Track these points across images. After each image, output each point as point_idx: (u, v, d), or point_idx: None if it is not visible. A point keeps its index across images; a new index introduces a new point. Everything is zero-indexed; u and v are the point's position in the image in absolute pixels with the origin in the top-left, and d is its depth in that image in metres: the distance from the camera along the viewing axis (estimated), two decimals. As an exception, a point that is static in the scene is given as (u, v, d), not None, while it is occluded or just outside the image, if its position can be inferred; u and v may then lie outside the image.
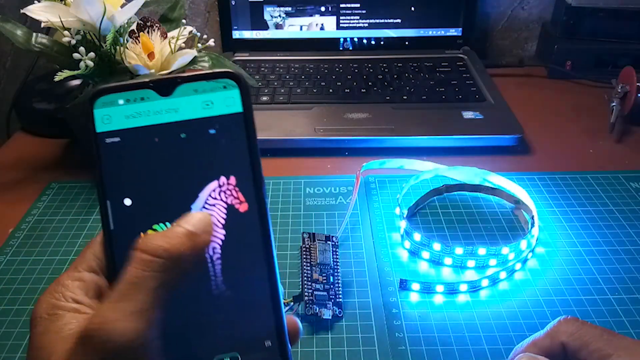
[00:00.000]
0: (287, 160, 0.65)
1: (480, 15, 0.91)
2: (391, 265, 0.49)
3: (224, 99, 0.26)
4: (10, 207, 0.57)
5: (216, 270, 0.26)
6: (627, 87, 0.69)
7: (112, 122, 0.26)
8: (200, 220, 0.25)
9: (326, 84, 0.77)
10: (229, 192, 0.26)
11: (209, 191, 0.26)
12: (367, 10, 0.86)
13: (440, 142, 0.65)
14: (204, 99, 0.26)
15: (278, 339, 0.26)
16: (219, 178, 0.26)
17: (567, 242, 0.51)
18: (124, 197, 0.26)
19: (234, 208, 0.26)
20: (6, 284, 0.47)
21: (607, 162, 0.64)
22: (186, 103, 0.26)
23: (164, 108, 0.26)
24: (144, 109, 0.26)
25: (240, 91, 0.26)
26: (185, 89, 0.26)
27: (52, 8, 0.53)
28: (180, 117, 0.26)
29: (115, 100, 0.26)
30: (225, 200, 0.26)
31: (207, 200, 0.26)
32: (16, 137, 0.72)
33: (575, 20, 0.83)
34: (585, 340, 0.28)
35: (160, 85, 0.26)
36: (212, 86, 0.26)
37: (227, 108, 0.26)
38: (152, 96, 0.26)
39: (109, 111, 0.26)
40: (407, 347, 0.41)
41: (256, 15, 0.86)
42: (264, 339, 0.26)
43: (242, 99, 0.27)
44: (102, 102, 0.26)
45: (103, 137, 0.26)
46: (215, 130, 0.26)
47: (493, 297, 0.45)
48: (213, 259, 0.26)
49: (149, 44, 0.54)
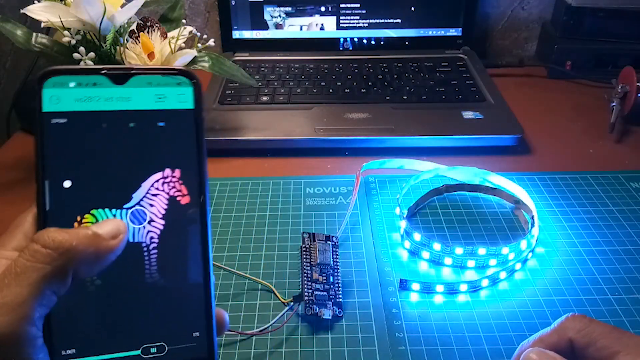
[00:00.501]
0: (287, 160, 0.65)
1: (480, 15, 0.91)
2: (391, 265, 0.49)
3: (177, 95, 0.27)
4: (11, 207, 0.57)
5: (151, 259, 0.27)
6: (627, 87, 0.69)
7: (60, 103, 0.26)
8: (113, 227, 0.25)
9: (326, 84, 0.77)
10: (172, 184, 0.27)
11: (152, 181, 0.27)
12: (367, 10, 0.86)
13: (440, 142, 0.65)
14: (157, 92, 0.27)
15: (207, 329, 0.27)
16: (163, 170, 0.27)
17: (567, 242, 0.51)
18: (64, 179, 0.26)
19: (176, 200, 0.27)
20: (6, 284, 0.47)
21: (607, 162, 0.64)
22: (138, 94, 0.26)
23: (115, 96, 0.26)
24: (95, 94, 0.26)
25: (194, 89, 0.27)
26: (139, 80, 0.26)
27: (52, 8, 0.53)
28: (131, 106, 0.26)
29: (67, 82, 0.26)
30: (168, 192, 0.27)
31: (149, 190, 0.27)
32: (16, 137, 0.72)
33: (575, 20, 0.82)
34: (594, 337, 0.28)
35: (115, 74, 0.26)
36: (166, 81, 0.27)
37: (179, 104, 0.27)
38: (105, 83, 0.26)
39: (58, 92, 0.26)
40: (407, 347, 0.41)
41: (256, 15, 0.86)
42: (192, 330, 0.27)
43: (194, 97, 0.27)
44: (53, 82, 0.26)
45: (49, 117, 0.26)
46: (164, 123, 0.27)
47: (493, 297, 0.45)
48: (149, 248, 0.27)
49: (149, 44, 0.54)
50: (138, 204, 0.27)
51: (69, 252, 0.23)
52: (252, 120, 0.69)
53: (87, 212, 0.26)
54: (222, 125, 0.68)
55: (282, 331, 0.42)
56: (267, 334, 0.42)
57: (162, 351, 0.26)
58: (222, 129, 0.67)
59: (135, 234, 0.27)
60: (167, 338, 0.27)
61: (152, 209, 0.27)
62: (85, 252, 0.24)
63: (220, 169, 0.63)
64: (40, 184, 0.26)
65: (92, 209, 0.26)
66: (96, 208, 0.26)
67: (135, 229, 0.27)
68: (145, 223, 0.27)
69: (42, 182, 0.26)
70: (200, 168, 0.27)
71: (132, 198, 0.26)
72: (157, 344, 0.26)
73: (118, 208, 0.26)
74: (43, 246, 0.23)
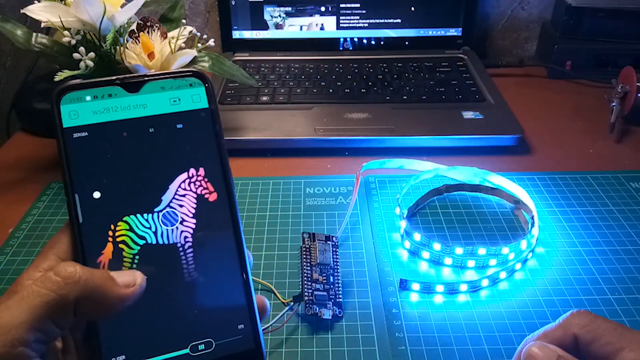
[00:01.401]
0: (287, 160, 0.65)
1: (480, 15, 0.91)
2: (391, 265, 0.49)
3: (191, 95, 0.28)
4: (10, 207, 0.57)
5: (188, 259, 0.27)
6: (627, 87, 0.69)
7: (79, 117, 0.26)
8: (129, 277, 0.25)
9: (326, 84, 0.77)
10: (199, 182, 0.28)
11: (179, 183, 0.27)
12: (367, 10, 0.86)
13: (440, 142, 0.65)
14: (171, 96, 0.27)
15: (251, 320, 0.27)
16: (188, 170, 0.27)
17: (567, 242, 0.51)
18: (94, 191, 0.26)
19: (204, 197, 0.28)
20: (6, 284, 0.47)
21: (607, 162, 0.64)
22: (154, 99, 0.27)
23: (131, 104, 0.27)
24: (111, 104, 0.27)
25: (206, 89, 0.28)
26: (152, 86, 0.27)
27: (52, 8, 0.52)
28: (148, 112, 0.27)
29: (83, 96, 0.26)
30: (195, 190, 0.27)
31: (177, 191, 0.27)
32: (16, 137, 0.72)
33: (575, 20, 0.82)
34: (598, 333, 0.28)
35: (128, 83, 0.27)
36: (179, 84, 0.28)
37: (194, 104, 0.28)
38: (119, 93, 0.27)
39: (76, 107, 0.26)
40: (407, 347, 0.41)
41: (256, 15, 0.86)
42: (237, 323, 0.27)
43: (207, 96, 0.28)
44: (69, 99, 0.26)
45: (70, 132, 0.26)
46: (182, 124, 0.28)
47: (493, 297, 0.45)
48: (185, 248, 0.27)
49: (149, 44, 0.54)
50: (168, 206, 0.27)
51: (76, 284, 0.24)
52: (252, 120, 0.69)
53: (120, 219, 0.26)
54: (222, 125, 0.67)
55: (282, 331, 0.42)
56: (267, 334, 0.42)
57: (209, 347, 0.27)
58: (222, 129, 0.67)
59: (169, 235, 0.27)
60: (213, 333, 0.27)
61: (182, 209, 0.27)
62: (92, 288, 0.24)
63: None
64: (70, 198, 0.26)
65: (124, 216, 0.27)
66: (128, 215, 0.27)
67: (168, 230, 0.27)
68: (177, 224, 0.27)
69: (73, 196, 0.26)
70: (222, 163, 0.28)
71: (162, 201, 0.27)
72: (204, 341, 0.27)
73: (149, 212, 0.27)
74: (55, 274, 0.24)
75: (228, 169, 0.28)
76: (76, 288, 0.23)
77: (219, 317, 0.27)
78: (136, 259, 0.27)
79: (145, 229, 0.27)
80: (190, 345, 0.26)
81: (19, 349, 0.22)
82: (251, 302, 0.27)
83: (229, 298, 0.27)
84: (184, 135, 0.28)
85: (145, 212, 0.27)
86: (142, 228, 0.27)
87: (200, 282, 0.27)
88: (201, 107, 0.28)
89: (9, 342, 0.22)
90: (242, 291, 0.27)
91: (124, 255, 0.27)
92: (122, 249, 0.26)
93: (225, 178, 0.28)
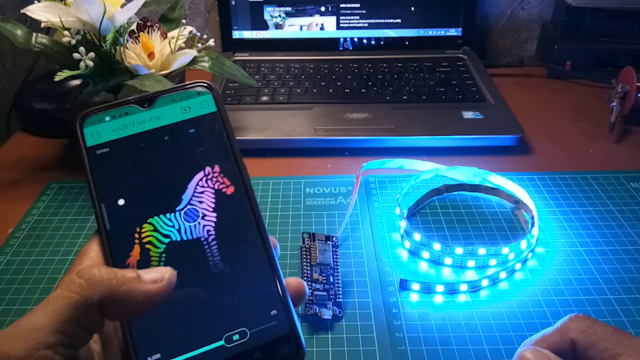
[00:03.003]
0: (287, 160, 0.65)
1: (480, 15, 0.91)
2: (391, 265, 0.49)
3: (199, 103, 0.30)
4: (10, 207, 0.57)
5: (213, 251, 0.28)
6: (627, 87, 0.69)
7: (100, 136, 0.29)
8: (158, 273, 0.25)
9: (326, 84, 0.77)
10: (215, 179, 0.29)
11: (197, 181, 0.29)
12: (367, 10, 0.86)
13: (440, 142, 0.65)
14: (182, 106, 0.30)
15: (283, 305, 0.28)
16: (204, 169, 0.29)
17: (567, 242, 0.51)
18: (118, 199, 0.28)
19: (222, 192, 0.29)
20: (6, 284, 0.47)
21: (607, 162, 0.64)
22: (166, 111, 0.30)
23: (146, 118, 0.29)
24: (129, 121, 0.29)
25: (213, 95, 0.30)
26: (164, 100, 0.30)
27: (52, 8, 0.53)
28: (162, 123, 0.30)
29: (102, 117, 0.29)
30: (213, 186, 0.29)
31: (196, 189, 0.29)
32: (16, 137, 0.72)
33: (575, 20, 0.82)
34: (596, 338, 0.28)
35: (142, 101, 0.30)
36: (188, 94, 0.30)
37: (203, 110, 0.30)
38: (135, 110, 0.29)
39: (97, 128, 0.29)
40: (407, 347, 0.41)
41: (256, 15, 0.86)
42: (269, 309, 0.28)
43: (215, 101, 0.30)
44: (91, 121, 0.29)
45: (94, 150, 0.29)
46: (194, 129, 0.30)
47: (493, 297, 0.45)
48: (209, 241, 0.28)
49: (149, 44, 0.54)
50: (189, 204, 0.29)
51: (99, 285, 0.24)
52: (252, 120, 0.69)
53: (145, 222, 0.28)
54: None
55: (282, 331, 0.42)
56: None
57: (244, 337, 0.27)
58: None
59: (192, 230, 0.28)
60: (247, 322, 0.27)
61: (202, 205, 0.29)
62: (116, 287, 0.24)
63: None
64: (97, 208, 0.28)
65: (149, 218, 0.28)
66: (152, 216, 0.28)
67: (191, 226, 0.28)
68: (199, 219, 0.28)
69: (99, 206, 0.28)
70: (235, 158, 0.30)
71: (182, 200, 0.29)
72: (238, 330, 0.27)
73: (171, 212, 0.28)
74: (79, 277, 0.24)
75: (242, 163, 0.30)
76: (99, 289, 0.24)
77: (250, 305, 0.27)
78: (163, 257, 0.28)
79: (169, 227, 0.28)
80: (225, 337, 0.27)
81: (40, 352, 0.22)
82: (282, 286, 0.28)
83: (257, 285, 0.28)
84: (196, 139, 0.30)
85: (168, 212, 0.28)
86: (166, 227, 0.28)
87: (228, 272, 0.28)
88: (210, 112, 0.30)
89: (30, 346, 0.22)
90: (270, 277, 0.28)
91: (151, 254, 0.28)
92: (148, 249, 0.28)
93: (240, 171, 0.29)
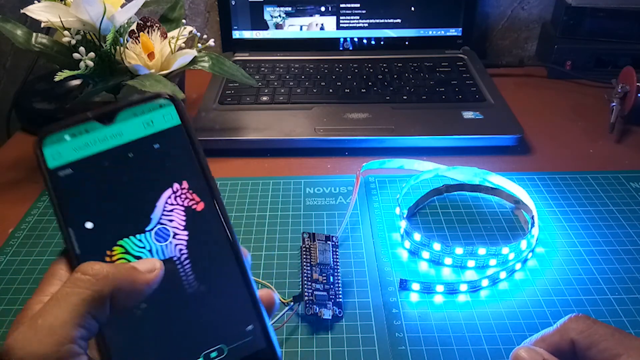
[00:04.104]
0: (287, 160, 0.65)
1: (480, 15, 0.91)
2: (391, 265, 0.49)
3: (162, 116, 0.29)
4: (10, 207, 0.57)
5: (186, 270, 0.28)
6: (627, 87, 0.69)
7: (62, 157, 0.27)
8: (149, 263, 0.27)
9: (326, 84, 0.77)
10: (184, 195, 0.28)
11: (165, 199, 0.28)
12: (367, 10, 0.86)
13: (440, 142, 0.65)
14: (144, 120, 0.28)
15: (258, 320, 0.28)
16: (172, 185, 0.28)
17: (567, 242, 0.51)
18: (85, 222, 0.27)
19: (192, 209, 0.28)
20: (6, 284, 0.47)
21: (607, 162, 0.64)
22: (128, 126, 0.28)
23: (108, 134, 0.28)
24: (90, 139, 0.28)
25: (176, 107, 0.29)
26: (125, 115, 0.28)
27: (52, 8, 0.53)
28: (125, 139, 0.28)
29: (62, 137, 0.27)
30: (182, 203, 0.28)
31: (165, 207, 0.28)
32: (16, 137, 0.72)
33: (575, 20, 0.82)
34: (595, 338, 0.28)
35: (102, 116, 0.28)
36: (150, 107, 0.29)
37: (167, 123, 0.29)
38: (95, 127, 0.28)
39: (57, 147, 0.27)
40: (407, 347, 0.41)
41: (256, 15, 0.86)
42: (245, 325, 0.27)
43: (178, 113, 0.29)
44: (50, 141, 0.27)
45: (56, 172, 0.27)
46: (159, 144, 0.28)
47: (493, 297, 0.45)
48: (181, 260, 0.28)
49: (149, 44, 0.54)
50: (159, 223, 0.28)
51: (107, 279, 0.25)
52: (252, 120, 0.69)
53: (115, 244, 0.27)
54: (222, 125, 0.68)
55: (282, 331, 0.42)
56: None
57: (222, 353, 0.27)
58: (222, 129, 0.67)
59: (164, 250, 0.28)
60: (224, 339, 0.27)
61: (172, 223, 0.28)
62: (122, 280, 0.25)
63: (220, 169, 0.63)
64: (64, 232, 0.27)
65: (118, 240, 0.27)
66: (121, 238, 0.27)
67: (162, 246, 0.28)
68: (170, 238, 0.28)
69: (67, 230, 0.27)
70: (204, 172, 0.29)
71: (152, 219, 0.28)
72: (216, 348, 0.27)
73: (141, 232, 0.28)
74: (83, 274, 0.25)
75: (210, 177, 0.29)
76: (108, 282, 0.25)
77: (226, 321, 0.27)
78: None
79: (140, 248, 0.28)
80: (203, 354, 0.27)
81: (67, 346, 0.23)
82: (256, 301, 0.28)
83: (233, 301, 0.28)
84: (162, 154, 0.28)
85: (138, 233, 0.28)
86: (137, 249, 0.27)
87: (202, 290, 0.27)
88: (174, 125, 0.29)
89: (56, 341, 0.23)
90: (245, 292, 0.28)
91: None
92: None
93: (209, 186, 0.29)
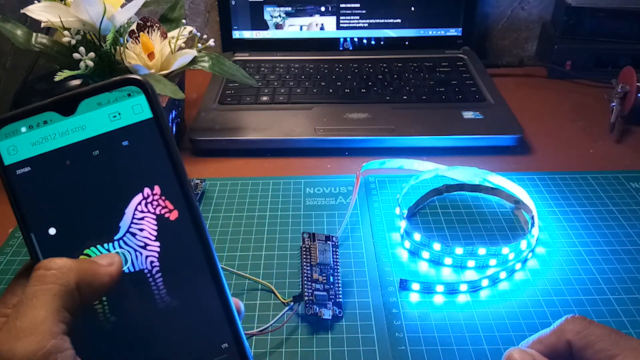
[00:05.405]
0: (287, 160, 0.65)
1: (480, 15, 0.91)
2: (391, 265, 0.49)
3: (131, 107, 0.25)
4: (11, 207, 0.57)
5: (158, 284, 0.25)
6: (627, 87, 0.69)
7: (18, 152, 0.25)
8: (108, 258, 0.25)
9: (326, 84, 0.77)
10: (156, 202, 0.25)
11: (135, 205, 0.25)
12: (367, 10, 0.86)
13: (440, 142, 0.65)
14: (110, 111, 0.25)
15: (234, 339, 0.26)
16: (142, 190, 0.25)
17: (567, 242, 0.51)
18: (48, 227, 0.25)
19: (164, 217, 0.26)
20: (6, 284, 0.47)
21: (607, 162, 0.64)
22: (92, 119, 0.25)
23: (69, 128, 0.25)
24: (49, 132, 0.25)
25: (147, 96, 0.25)
26: (88, 105, 0.25)
27: (52, 8, 0.53)
28: (89, 134, 0.25)
29: (18, 128, 0.24)
30: (154, 211, 0.26)
31: (135, 215, 0.25)
32: (16, 137, 0.72)
33: (575, 20, 0.82)
34: (592, 339, 0.28)
35: (61, 105, 0.25)
36: (116, 96, 0.25)
37: (136, 116, 0.25)
38: (55, 118, 0.25)
39: (13, 141, 0.25)
40: (407, 347, 0.41)
41: (256, 15, 0.86)
42: (220, 342, 0.26)
43: (150, 104, 0.25)
44: (5, 133, 0.24)
45: (13, 169, 0.25)
46: (128, 141, 0.25)
47: (493, 297, 0.45)
48: (153, 273, 0.25)
49: (149, 44, 0.54)
50: (128, 232, 0.25)
51: (71, 271, 0.24)
52: (252, 120, 0.69)
53: (81, 253, 0.25)
54: (222, 125, 0.68)
55: (282, 331, 0.42)
56: (267, 334, 0.42)
57: None
58: (222, 129, 0.67)
59: (134, 262, 0.25)
60: (197, 357, 0.25)
61: (142, 233, 0.25)
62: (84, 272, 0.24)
63: (220, 169, 0.63)
64: (27, 238, 0.25)
65: (84, 249, 0.25)
66: (88, 247, 0.25)
67: (132, 258, 0.25)
68: (140, 249, 0.26)
69: (29, 236, 0.25)
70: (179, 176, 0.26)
71: (120, 227, 0.25)
72: None
73: (109, 242, 0.25)
74: (46, 270, 0.24)
75: (186, 182, 0.26)
76: (72, 274, 0.24)
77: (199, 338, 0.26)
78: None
79: None
80: None
81: (52, 342, 0.23)
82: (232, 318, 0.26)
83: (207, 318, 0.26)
84: (131, 153, 0.25)
85: (105, 242, 0.25)
86: None
87: (175, 306, 0.25)
88: (145, 119, 0.25)
89: (41, 339, 0.23)
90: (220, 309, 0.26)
91: None
92: None
93: (184, 192, 0.25)
